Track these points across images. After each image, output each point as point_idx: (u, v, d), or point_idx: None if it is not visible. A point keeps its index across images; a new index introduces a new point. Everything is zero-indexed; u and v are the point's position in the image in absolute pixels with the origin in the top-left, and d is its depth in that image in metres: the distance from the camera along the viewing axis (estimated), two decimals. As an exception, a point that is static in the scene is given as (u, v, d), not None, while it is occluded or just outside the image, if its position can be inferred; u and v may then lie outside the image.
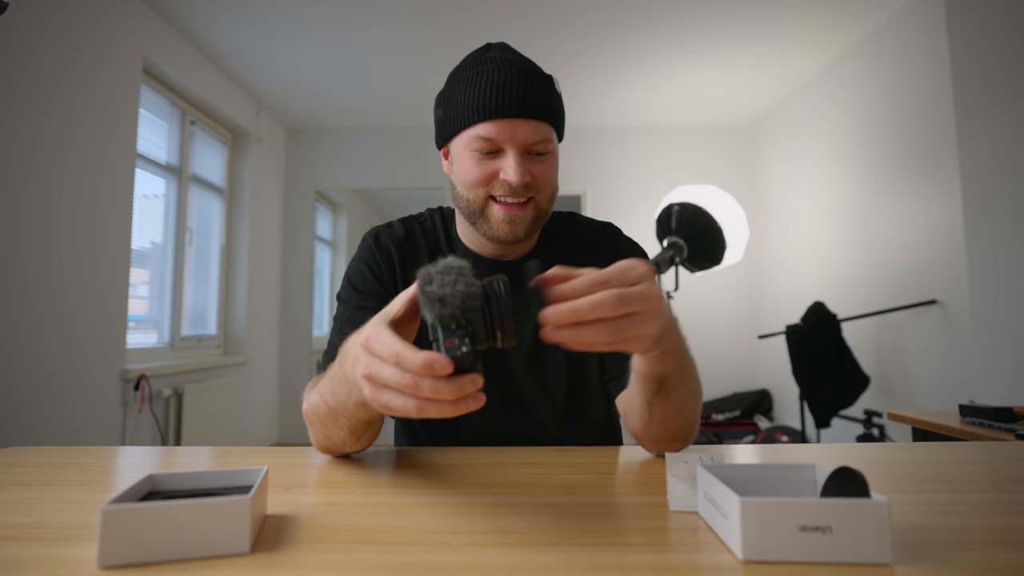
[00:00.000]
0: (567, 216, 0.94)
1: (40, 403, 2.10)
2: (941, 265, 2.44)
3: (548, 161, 0.79)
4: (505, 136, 0.75)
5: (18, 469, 0.66)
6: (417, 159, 4.40)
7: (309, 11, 2.80)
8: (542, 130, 0.77)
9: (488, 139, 0.76)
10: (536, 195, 0.79)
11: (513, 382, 0.84)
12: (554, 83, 0.80)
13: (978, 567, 0.38)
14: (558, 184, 0.84)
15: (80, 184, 2.30)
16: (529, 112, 0.75)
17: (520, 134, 0.75)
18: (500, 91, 0.75)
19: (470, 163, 0.78)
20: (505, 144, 0.76)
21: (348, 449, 0.70)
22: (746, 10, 2.80)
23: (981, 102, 2.07)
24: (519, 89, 0.75)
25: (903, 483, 0.61)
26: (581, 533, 0.45)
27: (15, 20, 1.97)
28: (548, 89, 0.78)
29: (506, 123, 0.75)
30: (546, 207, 0.81)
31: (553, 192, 0.82)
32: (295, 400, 4.33)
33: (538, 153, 0.78)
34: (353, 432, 0.65)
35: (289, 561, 0.40)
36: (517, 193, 0.77)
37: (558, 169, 0.83)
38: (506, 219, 0.78)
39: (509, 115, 0.75)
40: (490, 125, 0.75)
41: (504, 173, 0.76)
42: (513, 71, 0.76)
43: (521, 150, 0.76)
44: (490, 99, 0.75)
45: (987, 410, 1.32)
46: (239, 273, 3.77)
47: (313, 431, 0.70)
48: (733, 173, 4.34)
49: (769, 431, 3.38)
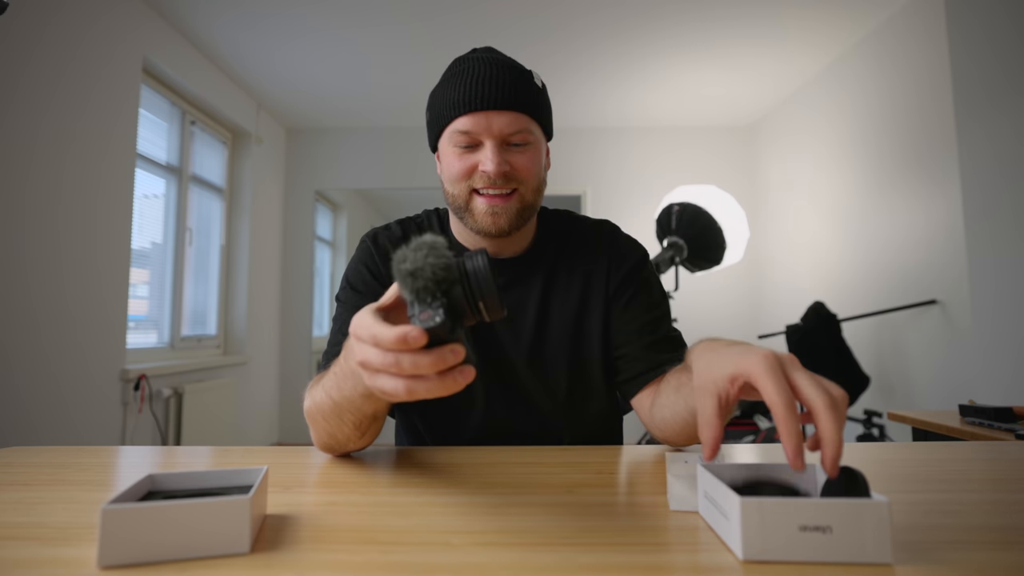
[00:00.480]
0: (563, 214, 0.94)
1: (40, 403, 2.10)
2: (941, 265, 2.44)
3: (529, 152, 0.80)
4: (481, 128, 0.77)
5: (18, 469, 0.66)
6: (417, 159, 4.39)
7: (309, 11, 2.80)
8: (519, 121, 0.78)
9: (466, 132, 0.78)
10: (519, 187, 0.79)
11: (514, 376, 0.84)
12: (534, 78, 0.81)
13: (978, 567, 0.38)
14: (544, 178, 0.84)
15: (80, 184, 2.30)
16: (504, 104, 0.77)
17: (496, 125, 0.77)
18: (475, 85, 0.77)
19: (452, 158, 0.80)
20: (482, 136, 0.78)
21: (351, 446, 0.70)
22: (746, 10, 2.80)
23: (981, 102, 2.07)
24: (493, 83, 0.77)
25: (903, 483, 0.61)
26: (581, 533, 0.45)
27: (15, 20, 1.97)
28: (525, 83, 0.79)
29: (482, 115, 0.77)
30: (531, 199, 0.81)
31: (538, 185, 0.82)
32: (295, 400, 4.33)
33: (516, 144, 0.79)
34: (358, 428, 0.65)
35: (289, 561, 0.40)
36: (497, 184, 0.78)
37: (543, 162, 0.83)
38: (489, 211, 0.79)
39: (484, 107, 0.77)
40: (467, 119, 0.77)
41: (482, 164, 0.78)
42: (488, 66, 0.79)
43: (498, 141, 0.78)
44: (466, 94, 0.78)
45: (987, 410, 1.32)
46: (239, 273, 3.77)
47: (315, 429, 0.70)
48: (733, 173, 4.34)
49: (769, 431, 3.38)
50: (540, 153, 0.82)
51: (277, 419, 4.31)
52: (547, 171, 0.87)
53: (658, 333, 0.84)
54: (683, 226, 3.07)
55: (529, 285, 0.86)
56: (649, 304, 0.86)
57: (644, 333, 0.84)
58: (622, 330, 0.85)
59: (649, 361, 0.81)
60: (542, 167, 0.83)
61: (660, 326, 0.85)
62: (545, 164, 0.85)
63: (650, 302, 0.86)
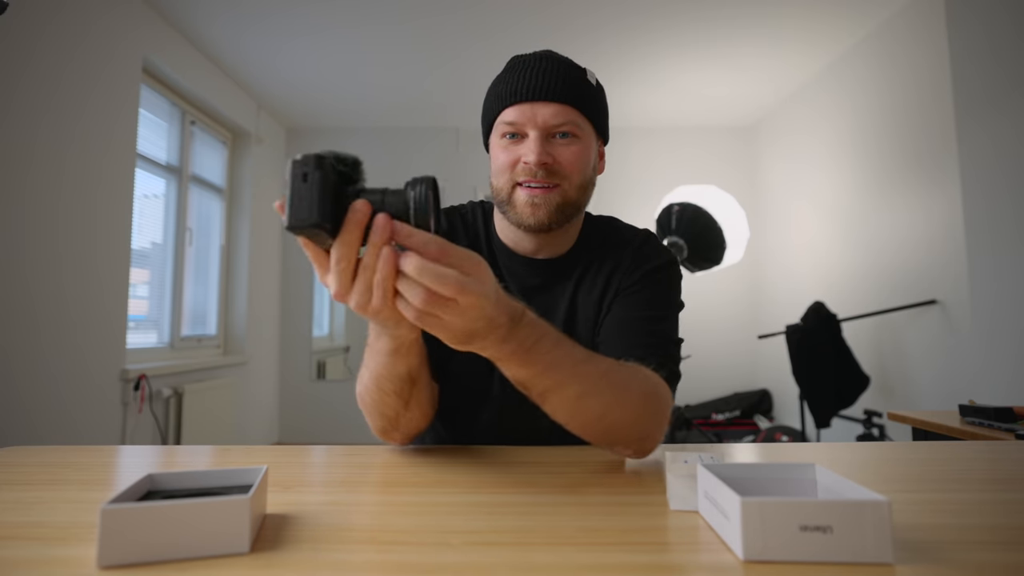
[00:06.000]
0: (606, 220, 0.92)
1: (40, 403, 2.10)
2: (941, 265, 2.44)
3: (574, 147, 0.77)
4: (526, 118, 0.77)
5: (18, 469, 0.66)
6: (416, 159, 4.40)
7: (309, 11, 2.80)
8: (565, 113, 0.76)
9: (511, 123, 0.77)
10: (562, 182, 0.77)
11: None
12: (588, 75, 0.80)
13: (978, 567, 0.38)
14: (592, 178, 0.82)
15: (80, 184, 2.30)
16: (549, 95, 0.76)
17: (540, 116, 0.76)
18: (522, 76, 0.78)
19: (498, 150, 0.80)
20: (527, 127, 0.77)
21: (404, 424, 0.70)
22: (747, 10, 2.80)
23: (981, 102, 2.07)
24: (540, 73, 0.77)
25: (903, 483, 0.61)
26: (581, 533, 0.45)
27: (15, 20, 1.97)
28: (574, 76, 0.78)
29: (527, 106, 0.77)
30: (575, 196, 0.79)
31: (584, 182, 0.79)
32: (295, 400, 4.34)
33: (562, 135, 0.77)
34: (400, 396, 0.65)
35: (289, 561, 0.40)
36: (538, 176, 0.76)
37: (590, 160, 0.80)
38: (528, 201, 0.77)
39: (530, 98, 0.76)
40: (513, 110, 0.77)
41: (524, 155, 0.77)
42: (538, 60, 0.79)
43: (543, 132, 0.76)
44: (512, 85, 0.78)
45: (987, 410, 1.32)
46: (239, 273, 3.77)
47: (368, 413, 0.70)
48: (733, 173, 4.34)
49: (769, 431, 3.38)
50: (587, 149, 0.79)
51: (277, 419, 4.31)
52: (599, 174, 0.85)
53: (641, 332, 0.77)
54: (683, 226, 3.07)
55: (561, 289, 0.85)
56: (649, 302, 0.80)
57: (626, 325, 0.78)
58: (609, 318, 0.80)
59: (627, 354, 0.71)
60: (589, 165, 0.80)
61: (652, 327, 0.78)
62: (595, 164, 0.83)
63: (651, 301, 0.80)
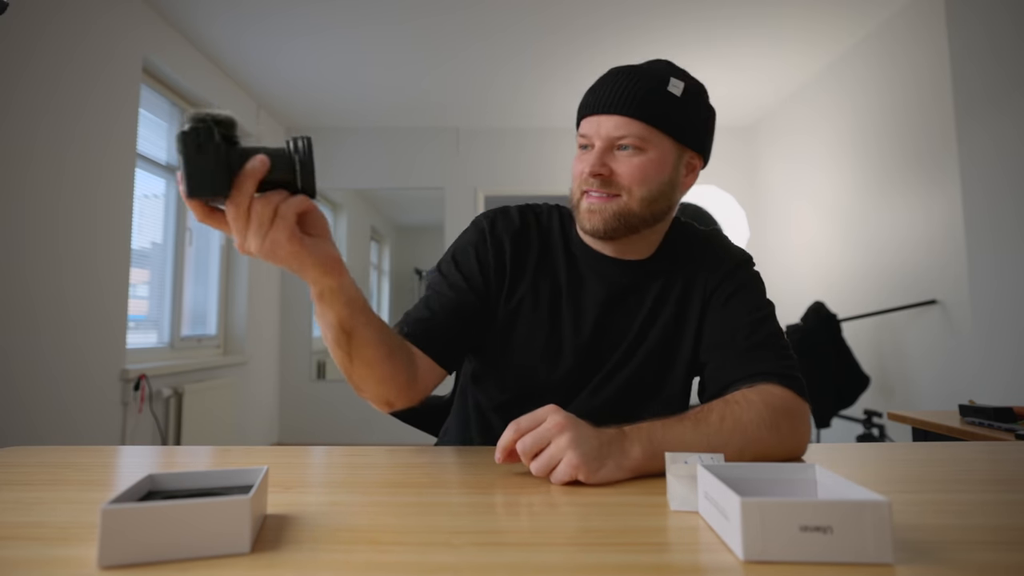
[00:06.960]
0: (705, 233, 0.93)
1: (40, 403, 2.10)
2: (941, 265, 2.44)
3: (636, 159, 0.78)
4: (592, 131, 0.79)
5: (18, 469, 0.66)
6: (416, 159, 4.40)
7: (309, 11, 2.80)
8: (627, 126, 0.77)
9: (583, 135, 0.81)
10: (621, 192, 0.78)
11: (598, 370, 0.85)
12: (669, 85, 0.78)
13: (978, 567, 0.38)
14: (663, 190, 0.80)
15: (80, 184, 2.30)
16: (612, 108, 0.77)
17: (603, 129, 0.78)
18: (595, 92, 0.81)
19: (575, 160, 0.84)
20: (593, 139, 0.80)
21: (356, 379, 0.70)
22: (746, 10, 2.80)
23: (981, 102, 2.07)
24: (610, 88, 0.78)
25: (903, 483, 0.61)
26: (581, 533, 0.45)
27: (15, 20, 1.97)
28: (645, 88, 0.77)
29: (594, 119, 0.79)
30: (637, 208, 0.79)
31: (648, 195, 0.78)
32: (295, 400, 4.34)
33: (623, 148, 0.78)
34: (339, 345, 0.66)
35: (289, 561, 0.40)
36: (594, 185, 0.79)
37: (659, 172, 0.79)
38: (588, 208, 0.80)
39: (596, 112, 0.79)
40: (585, 122, 0.81)
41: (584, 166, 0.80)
42: (615, 73, 0.80)
43: (605, 145, 0.78)
44: (587, 99, 0.82)
45: (987, 410, 1.32)
46: (239, 273, 3.77)
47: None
48: (733, 173, 4.34)
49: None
50: (652, 162, 0.78)
51: (277, 419, 4.31)
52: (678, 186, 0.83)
53: (754, 338, 0.79)
54: (683, 226, 3.06)
55: (645, 287, 0.87)
56: (751, 305, 0.83)
57: (739, 337, 0.80)
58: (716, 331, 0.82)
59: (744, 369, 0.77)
60: (655, 178, 0.78)
61: (760, 329, 0.80)
62: (671, 177, 0.80)
63: (752, 303, 0.83)
